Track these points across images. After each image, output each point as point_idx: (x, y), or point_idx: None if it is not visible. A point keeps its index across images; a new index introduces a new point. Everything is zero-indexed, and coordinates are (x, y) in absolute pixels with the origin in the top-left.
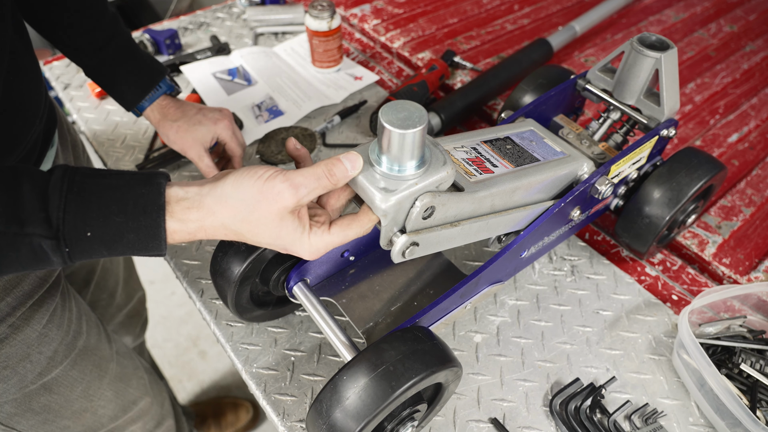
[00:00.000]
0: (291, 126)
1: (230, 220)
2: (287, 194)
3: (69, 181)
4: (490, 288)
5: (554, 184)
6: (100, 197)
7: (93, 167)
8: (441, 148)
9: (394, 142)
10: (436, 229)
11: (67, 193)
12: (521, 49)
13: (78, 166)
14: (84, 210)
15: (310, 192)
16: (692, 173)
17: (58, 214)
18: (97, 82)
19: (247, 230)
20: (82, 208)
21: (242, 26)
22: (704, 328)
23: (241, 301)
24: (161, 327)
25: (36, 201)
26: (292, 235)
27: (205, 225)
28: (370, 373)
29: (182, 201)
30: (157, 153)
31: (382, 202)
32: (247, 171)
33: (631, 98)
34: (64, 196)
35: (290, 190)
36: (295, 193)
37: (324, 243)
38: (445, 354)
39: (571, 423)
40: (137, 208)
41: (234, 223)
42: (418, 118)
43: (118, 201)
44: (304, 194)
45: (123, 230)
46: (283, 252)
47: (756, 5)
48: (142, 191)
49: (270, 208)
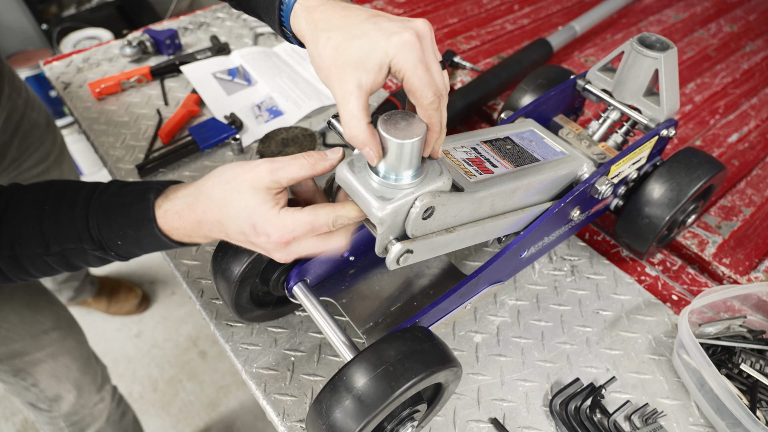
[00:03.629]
0: (291, 126)
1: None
2: (263, 165)
3: (98, 201)
4: (490, 288)
5: (554, 184)
6: (117, 215)
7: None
8: (438, 158)
9: (392, 151)
10: (432, 236)
11: (97, 214)
12: (521, 49)
13: (107, 185)
14: (109, 227)
15: (284, 167)
16: (692, 173)
17: (96, 232)
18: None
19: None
20: (107, 226)
21: (242, 26)
22: (704, 328)
23: (241, 301)
24: (161, 327)
25: (83, 223)
26: (262, 208)
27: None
28: (370, 373)
29: (176, 201)
30: (157, 153)
31: (379, 211)
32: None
33: (631, 98)
34: (95, 217)
35: (266, 163)
36: (271, 165)
37: (293, 219)
38: (444, 354)
39: (571, 423)
40: (138, 222)
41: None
42: (417, 129)
43: (126, 217)
44: (278, 167)
45: (138, 237)
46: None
47: (756, 5)
48: (138, 207)
49: (245, 176)
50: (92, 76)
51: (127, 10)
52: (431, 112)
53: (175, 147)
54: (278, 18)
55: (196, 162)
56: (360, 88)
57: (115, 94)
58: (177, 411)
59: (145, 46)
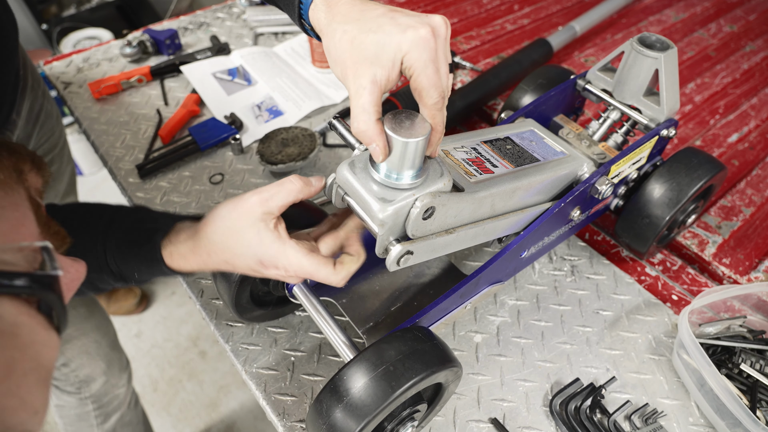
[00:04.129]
0: (291, 126)
1: (217, 236)
2: (253, 198)
3: (113, 237)
4: (490, 288)
5: (554, 184)
6: (129, 253)
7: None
8: (439, 159)
9: (396, 149)
10: (432, 236)
11: (114, 250)
12: (521, 49)
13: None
14: (125, 265)
15: (273, 196)
16: (692, 173)
17: (115, 268)
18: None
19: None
20: (123, 261)
21: (242, 26)
22: (704, 328)
23: (241, 301)
24: (161, 327)
25: (102, 257)
26: (264, 242)
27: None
28: (370, 373)
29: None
30: (157, 153)
31: (380, 212)
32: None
33: (631, 98)
34: (112, 253)
35: (255, 195)
36: (260, 197)
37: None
38: (445, 354)
39: (571, 423)
40: (147, 262)
41: (218, 239)
42: (421, 127)
43: (137, 255)
44: (267, 197)
45: (151, 272)
46: (263, 272)
47: (756, 5)
48: (147, 248)
49: (239, 213)
50: (92, 76)
51: (127, 10)
52: (435, 112)
53: (175, 147)
54: (297, 9)
55: (196, 162)
56: (374, 83)
57: (115, 94)
58: (177, 411)
59: (145, 46)
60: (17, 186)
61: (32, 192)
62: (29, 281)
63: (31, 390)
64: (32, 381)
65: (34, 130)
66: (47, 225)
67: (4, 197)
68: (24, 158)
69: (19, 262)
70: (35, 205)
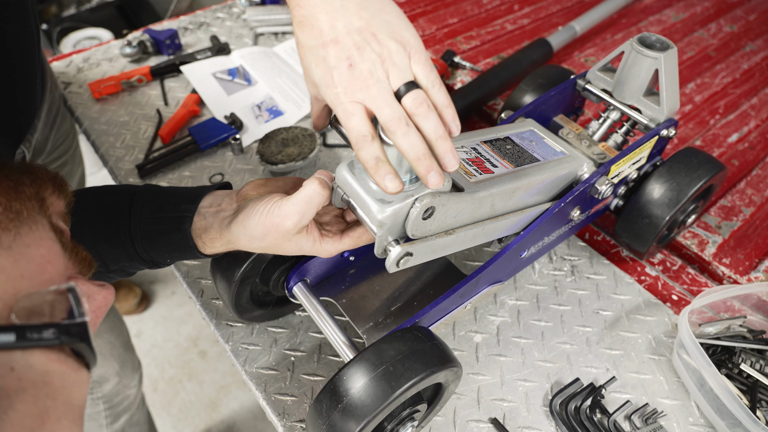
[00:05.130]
0: (291, 126)
1: (249, 246)
2: (285, 222)
3: (137, 229)
4: (490, 288)
5: (554, 184)
6: (159, 242)
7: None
8: None
9: (392, 154)
10: (431, 238)
11: (142, 241)
12: (521, 49)
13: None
14: (156, 252)
15: (304, 214)
16: (692, 173)
17: (146, 255)
18: None
19: (265, 249)
20: (154, 250)
21: (242, 26)
22: (704, 328)
23: (241, 301)
24: (161, 327)
25: (131, 248)
26: (304, 247)
27: (231, 247)
28: (369, 373)
29: (209, 232)
30: (157, 153)
31: (379, 213)
32: (252, 208)
33: (631, 98)
34: (141, 243)
35: (286, 219)
36: (291, 220)
37: (336, 248)
38: (444, 354)
39: (571, 423)
40: (180, 248)
41: (253, 247)
42: None
43: (168, 244)
44: (298, 219)
45: (184, 256)
46: None
47: (756, 5)
48: (177, 236)
49: (276, 236)
50: (92, 76)
51: (127, 10)
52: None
53: (175, 147)
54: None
55: (196, 162)
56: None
57: (115, 94)
58: (177, 411)
59: (145, 46)
60: (40, 217)
61: (55, 218)
62: (57, 333)
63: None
64: (66, 425)
65: (51, 133)
66: (74, 252)
67: (28, 233)
68: (45, 183)
69: (46, 310)
70: (59, 233)
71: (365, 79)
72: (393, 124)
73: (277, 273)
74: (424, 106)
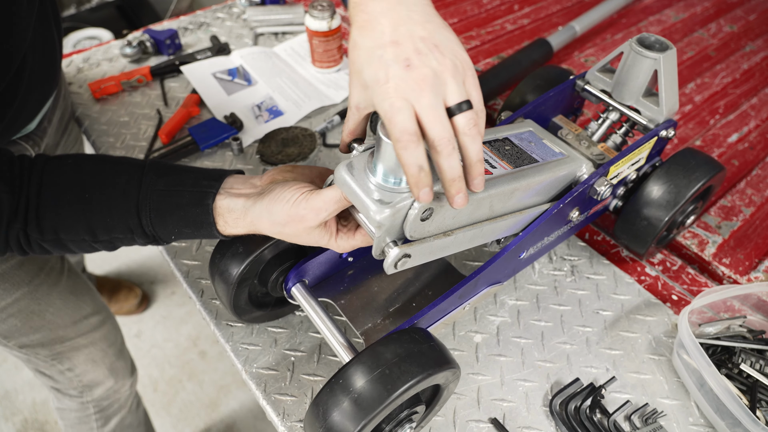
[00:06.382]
0: (291, 126)
1: (269, 231)
2: (311, 217)
3: (148, 199)
4: (489, 289)
5: (553, 185)
6: (172, 216)
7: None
8: None
9: (391, 155)
10: (429, 239)
11: (150, 212)
12: (521, 49)
13: (151, 177)
14: (164, 226)
15: (330, 213)
16: (690, 175)
17: (150, 229)
18: None
19: (283, 236)
20: (162, 225)
21: (242, 26)
22: (704, 328)
23: (240, 303)
24: (161, 327)
25: (134, 218)
26: (320, 240)
27: (252, 229)
28: (366, 376)
29: (232, 212)
30: (157, 153)
31: (377, 214)
32: (280, 193)
33: (630, 99)
34: (148, 216)
35: (312, 213)
36: (317, 216)
37: (350, 245)
38: (442, 356)
39: (571, 423)
40: (196, 224)
41: (272, 232)
42: None
43: (183, 219)
44: (324, 216)
45: (194, 234)
46: None
47: (756, 5)
48: (196, 211)
49: (297, 227)
50: (92, 76)
51: (127, 10)
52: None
53: (175, 147)
54: None
55: (196, 162)
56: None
57: (115, 94)
58: (177, 411)
59: (145, 46)
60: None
61: None
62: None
63: None
64: None
65: (62, 139)
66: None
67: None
68: None
69: None
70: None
71: (421, 82)
72: (442, 144)
73: (276, 274)
74: (475, 130)
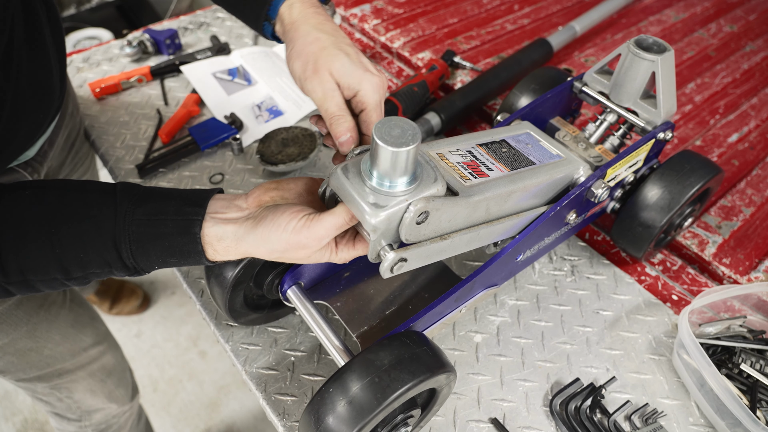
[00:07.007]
0: (291, 126)
1: (266, 257)
2: (313, 245)
3: (128, 232)
4: (486, 292)
5: (550, 187)
6: (155, 246)
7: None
8: (433, 164)
9: (386, 159)
10: (426, 243)
11: (130, 245)
12: (521, 49)
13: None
14: (146, 257)
15: (330, 238)
16: (686, 179)
17: (130, 261)
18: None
19: (282, 260)
20: (144, 256)
21: (242, 26)
22: (704, 328)
23: (235, 306)
24: (161, 327)
25: (113, 252)
26: (321, 258)
27: (245, 256)
28: (359, 381)
29: (222, 240)
30: (157, 153)
31: (372, 218)
32: (274, 220)
33: (627, 101)
34: (128, 248)
35: (315, 242)
36: (319, 243)
37: (351, 255)
38: (436, 360)
39: (571, 423)
40: (183, 253)
41: (270, 258)
42: (412, 136)
43: (167, 249)
44: (327, 241)
45: (180, 263)
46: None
47: (756, 5)
48: (182, 240)
49: (298, 253)
50: (92, 76)
51: (127, 10)
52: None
53: (175, 147)
54: (268, 5)
55: (196, 162)
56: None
57: (115, 94)
58: (177, 411)
59: (145, 46)
60: None
61: None
62: None
63: None
64: None
65: (68, 158)
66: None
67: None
68: None
69: None
70: None
71: None
72: None
73: (271, 276)
74: None
